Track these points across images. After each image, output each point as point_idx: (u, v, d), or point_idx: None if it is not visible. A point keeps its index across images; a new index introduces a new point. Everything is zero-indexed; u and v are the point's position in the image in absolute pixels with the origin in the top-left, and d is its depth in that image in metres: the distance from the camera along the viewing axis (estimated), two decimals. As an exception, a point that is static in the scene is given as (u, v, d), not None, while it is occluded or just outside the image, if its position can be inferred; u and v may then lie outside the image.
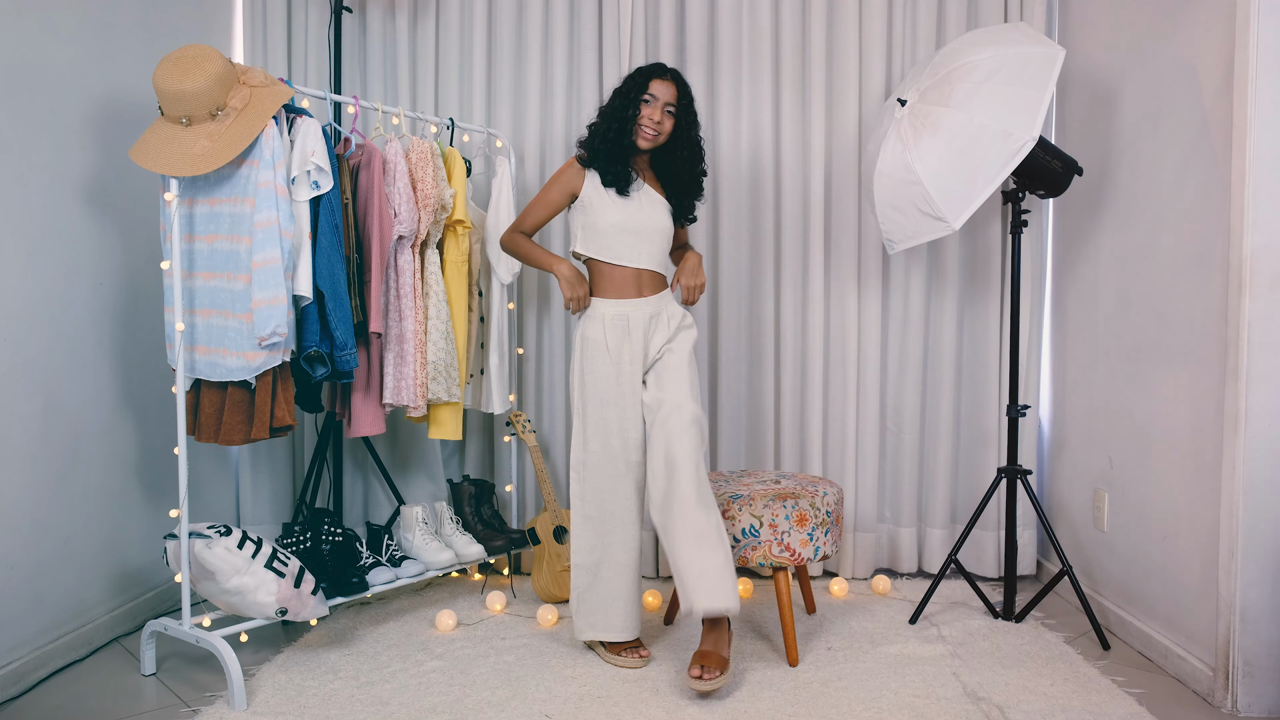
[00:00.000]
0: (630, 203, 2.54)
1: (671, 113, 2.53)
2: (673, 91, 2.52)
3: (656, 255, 2.58)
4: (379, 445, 3.37)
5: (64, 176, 2.57)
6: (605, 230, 2.54)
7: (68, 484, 2.58)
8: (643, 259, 2.55)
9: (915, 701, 2.32)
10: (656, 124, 2.51)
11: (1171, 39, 2.58)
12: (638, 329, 2.54)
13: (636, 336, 2.53)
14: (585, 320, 2.57)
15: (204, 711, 2.28)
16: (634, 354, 2.52)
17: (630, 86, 2.53)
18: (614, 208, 2.53)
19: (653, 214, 2.57)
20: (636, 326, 2.53)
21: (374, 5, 3.37)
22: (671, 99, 2.52)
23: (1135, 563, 2.75)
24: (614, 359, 2.51)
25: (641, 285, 2.57)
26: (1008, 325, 3.24)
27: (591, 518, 2.54)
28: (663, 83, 2.51)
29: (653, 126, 2.51)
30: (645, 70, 2.54)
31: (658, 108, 2.51)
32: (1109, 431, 2.89)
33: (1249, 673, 2.27)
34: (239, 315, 2.38)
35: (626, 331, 2.53)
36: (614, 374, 2.51)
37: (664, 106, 2.51)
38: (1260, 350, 2.24)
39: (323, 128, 2.54)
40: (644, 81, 2.51)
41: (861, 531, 3.36)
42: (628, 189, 2.54)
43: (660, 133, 2.53)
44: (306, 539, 2.76)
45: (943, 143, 2.60)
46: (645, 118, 2.50)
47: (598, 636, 2.56)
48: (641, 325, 2.54)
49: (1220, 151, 2.35)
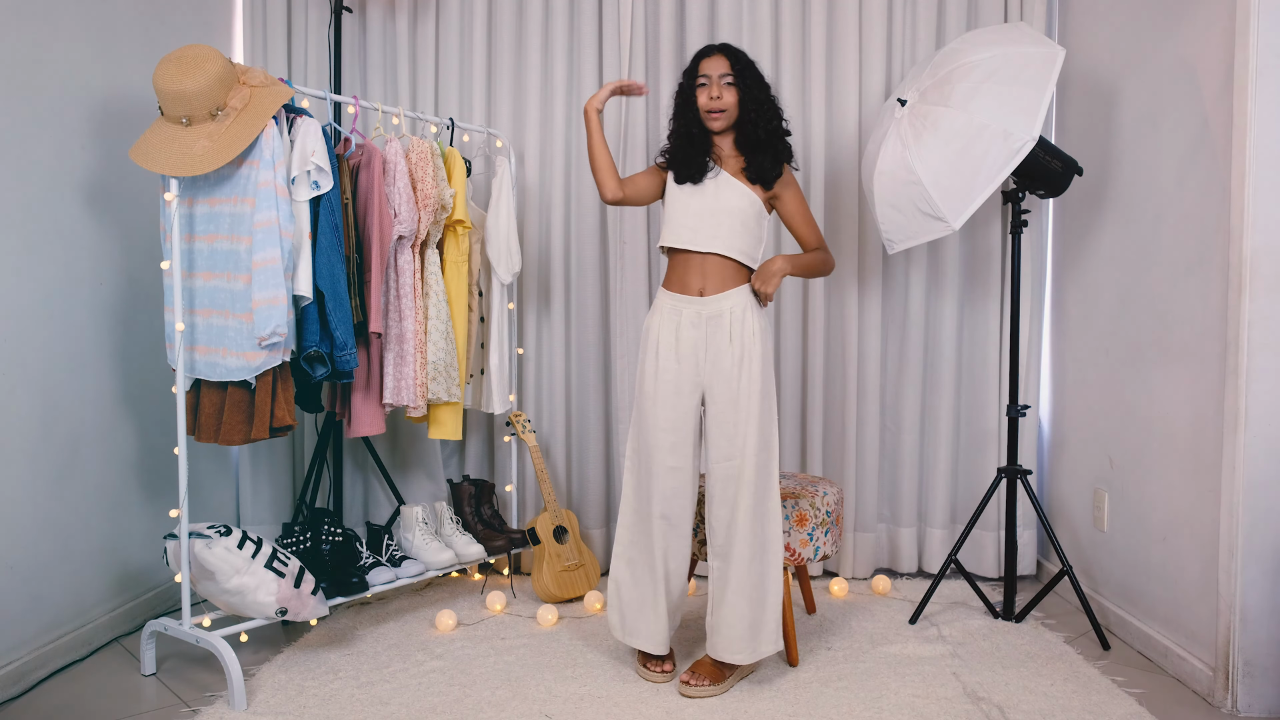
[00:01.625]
0: (703, 188, 2.44)
1: (730, 83, 2.40)
2: (724, 63, 2.40)
3: (725, 238, 2.39)
4: (379, 445, 3.37)
5: (64, 176, 2.57)
6: (672, 215, 2.46)
7: (67, 484, 2.58)
8: (709, 241, 2.39)
9: (915, 701, 2.32)
10: (716, 99, 2.39)
11: (1171, 39, 2.58)
12: (689, 329, 2.40)
13: (687, 336, 2.40)
14: (651, 309, 2.49)
15: (204, 711, 2.28)
16: (683, 356, 2.40)
17: (685, 78, 2.47)
18: (686, 194, 2.44)
19: (722, 195, 2.42)
20: (689, 326, 2.40)
21: (374, 5, 3.37)
22: (725, 70, 2.40)
23: (1135, 563, 2.75)
24: (662, 353, 2.41)
25: (706, 276, 2.40)
26: (1008, 325, 3.24)
27: (628, 513, 2.48)
28: (711, 59, 2.42)
29: (714, 104, 2.40)
30: (694, 56, 2.47)
31: (714, 84, 2.40)
32: (1109, 431, 2.89)
33: (1249, 673, 2.27)
34: (239, 315, 2.38)
35: (676, 331, 2.41)
36: (659, 370, 2.41)
37: (719, 79, 2.40)
38: (1260, 350, 2.24)
39: (323, 128, 2.54)
40: (694, 66, 2.45)
41: (861, 531, 3.36)
42: (702, 178, 2.43)
43: (725, 108, 2.40)
44: (306, 539, 2.76)
45: (943, 142, 2.60)
46: (705, 99, 2.40)
47: (625, 640, 2.49)
48: (695, 326, 2.40)
49: (1220, 151, 2.35)
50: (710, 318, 2.40)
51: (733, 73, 2.41)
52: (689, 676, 2.36)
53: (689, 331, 2.41)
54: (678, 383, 2.40)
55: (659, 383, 2.41)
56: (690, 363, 2.41)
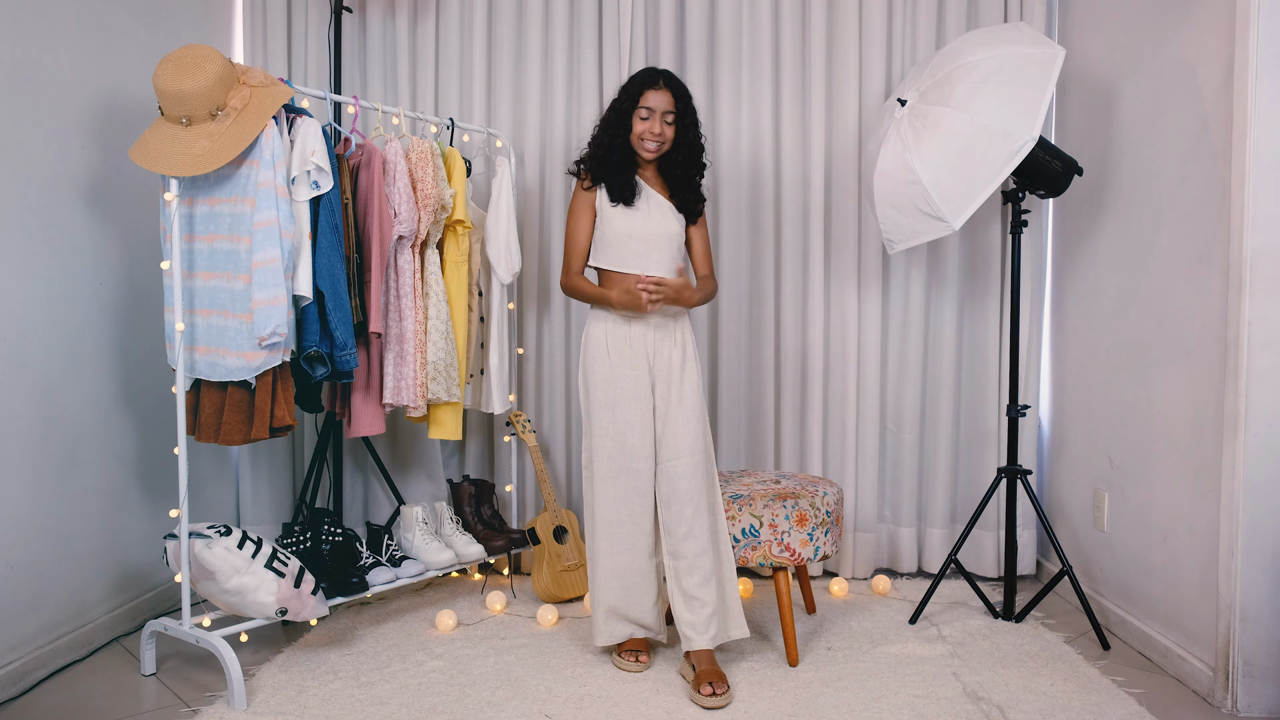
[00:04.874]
0: (637, 211, 2.52)
1: (671, 121, 2.49)
2: (669, 99, 2.47)
3: (665, 262, 2.52)
4: (379, 445, 3.37)
5: (64, 176, 2.57)
6: (612, 240, 2.51)
7: (67, 484, 2.58)
8: (650, 266, 2.49)
9: (915, 701, 2.32)
10: (657, 135, 2.48)
11: (1171, 39, 2.58)
12: (639, 336, 2.49)
13: (638, 342, 2.49)
14: (590, 320, 2.55)
15: (204, 711, 2.28)
16: (636, 361, 2.48)
17: (624, 99, 2.50)
18: (621, 217, 2.51)
19: (660, 221, 2.53)
20: (638, 333, 2.49)
21: (374, 5, 3.37)
22: (669, 107, 2.47)
23: (1135, 563, 2.75)
24: (615, 362, 2.48)
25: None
26: (1008, 325, 3.24)
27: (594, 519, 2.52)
28: (657, 92, 2.47)
29: (654, 139, 2.48)
30: (638, 80, 2.49)
31: (656, 119, 2.47)
32: (1109, 431, 2.89)
33: (1249, 673, 2.27)
34: (239, 315, 2.38)
35: (628, 338, 2.49)
36: (613, 377, 2.48)
37: (662, 116, 2.48)
38: (1260, 350, 2.24)
39: (323, 128, 2.54)
40: (637, 94, 2.48)
41: (861, 531, 3.36)
42: (634, 199, 2.51)
43: (663, 142, 2.50)
44: (306, 539, 2.76)
45: (943, 142, 2.60)
46: (645, 131, 2.47)
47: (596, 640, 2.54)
48: (644, 333, 2.50)
49: (1220, 151, 2.35)
50: (658, 325, 2.51)
51: (675, 110, 2.49)
52: (710, 689, 2.32)
53: (639, 339, 2.49)
54: (635, 388, 2.48)
55: (619, 390, 2.47)
56: (644, 367, 2.49)
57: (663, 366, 2.50)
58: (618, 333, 2.50)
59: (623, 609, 2.50)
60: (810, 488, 2.73)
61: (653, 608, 2.53)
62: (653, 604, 2.52)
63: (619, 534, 2.48)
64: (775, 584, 2.62)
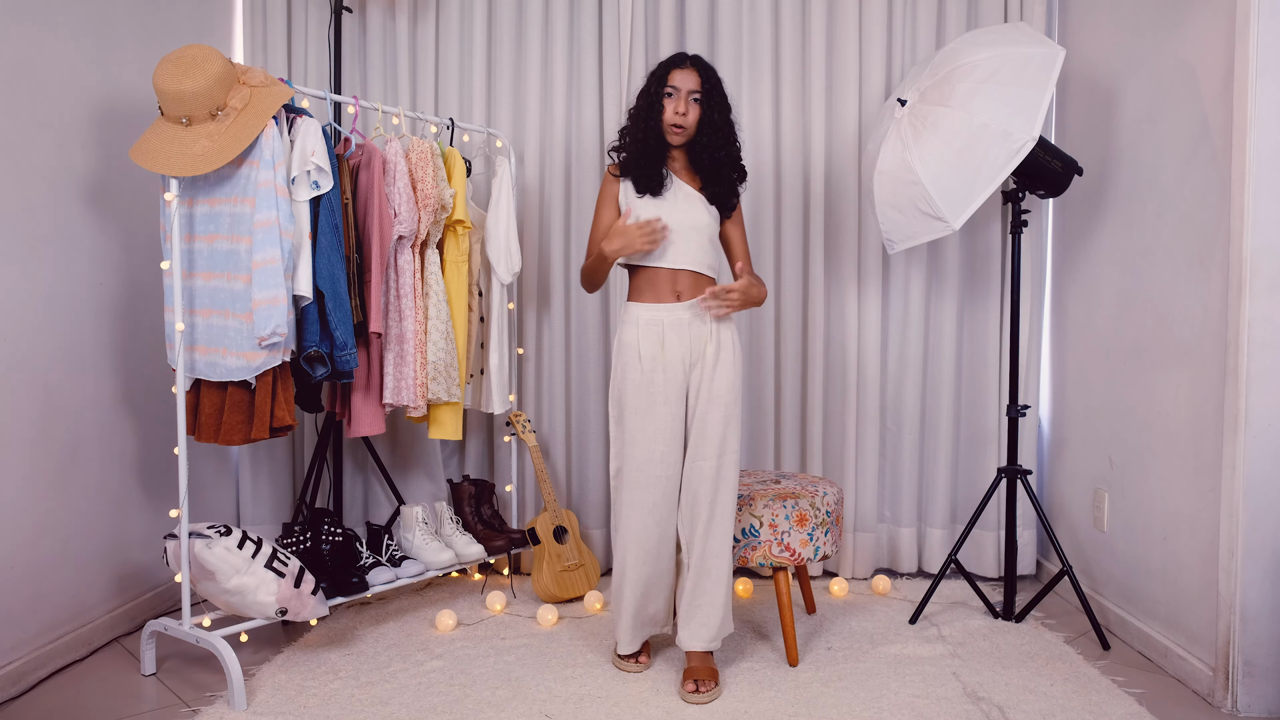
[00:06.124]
0: (664, 202, 2.44)
1: (697, 100, 2.41)
2: (695, 79, 2.40)
3: (695, 254, 2.43)
4: (379, 445, 3.37)
5: (64, 176, 2.57)
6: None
7: (67, 484, 2.58)
8: (679, 258, 2.41)
9: (915, 701, 2.32)
10: (682, 115, 2.39)
11: (1171, 39, 2.58)
12: (673, 335, 2.40)
13: (672, 343, 2.40)
14: (621, 324, 2.47)
15: (204, 711, 2.28)
16: (670, 364, 2.39)
17: (652, 83, 2.44)
18: (648, 207, 2.42)
19: (689, 211, 2.43)
20: (672, 332, 2.40)
21: (374, 5, 3.37)
22: (695, 86, 2.40)
23: (1135, 563, 2.75)
24: (646, 367, 2.40)
25: (679, 288, 2.42)
26: (1008, 325, 3.24)
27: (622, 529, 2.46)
28: (683, 71, 2.41)
29: (678, 119, 2.40)
30: (665, 63, 2.45)
31: (681, 98, 2.39)
32: (1109, 431, 2.89)
33: (1249, 673, 2.27)
34: (239, 315, 2.38)
35: (661, 340, 2.40)
36: (645, 382, 2.39)
37: (688, 95, 2.40)
38: (1260, 350, 2.24)
39: (323, 128, 2.54)
40: (664, 74, 2.43)
41: (861, 531, 3.36)
42: (661, 190, 2.44)
43: (687, 124, 2.41)
44: (306, 539, 2.76)
45: (943, 142, 2.60)
46: (670, 111, 2.40)
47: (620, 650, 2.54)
48: (678, 331, 2.40)
49: (1220, 151, 2.35)
50: (691, 322, 2.42)
51: (701, 90, 2.41)
52: (694, 686, 2.34)
53: (673, 338, 2.41)
54: (666, 392, 2.40)
55: (653, 398, 2.39)
56: (677, 368, 2.41)
57: (696, 364, 2.41)
58: (650, 335, 2.40)
59: (643, 612, 2.50)
60: (810, 488, 2.73)
61: (666, 603, 2.54)
62: (667, 600, 2.54)
63: (648, 544, 2.43)
64: (775, 584, 2.62)
